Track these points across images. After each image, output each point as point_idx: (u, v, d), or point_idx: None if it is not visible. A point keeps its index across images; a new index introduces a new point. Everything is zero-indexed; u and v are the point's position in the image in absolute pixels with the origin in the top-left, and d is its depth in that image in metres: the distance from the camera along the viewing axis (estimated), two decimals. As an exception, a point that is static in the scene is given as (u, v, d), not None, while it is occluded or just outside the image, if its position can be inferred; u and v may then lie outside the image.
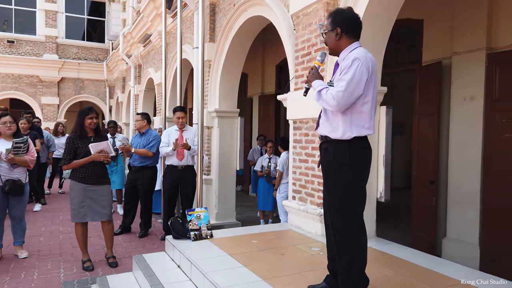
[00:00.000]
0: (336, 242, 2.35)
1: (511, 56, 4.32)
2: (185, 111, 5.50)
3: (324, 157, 2.43)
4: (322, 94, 2.30)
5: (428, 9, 5.29)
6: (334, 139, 2.35)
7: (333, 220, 2.35)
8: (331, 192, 2.38)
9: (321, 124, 2.47)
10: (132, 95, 12.83)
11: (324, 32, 2.50)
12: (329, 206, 2.39)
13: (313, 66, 2.48)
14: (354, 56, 2.27)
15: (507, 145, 4.32)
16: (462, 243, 4.72)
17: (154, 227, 6.15)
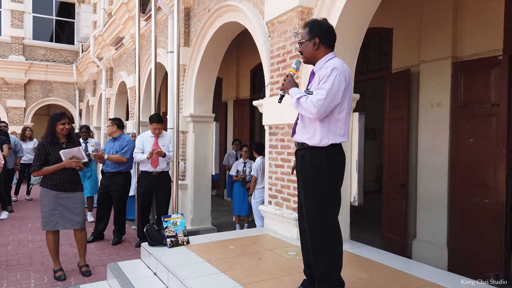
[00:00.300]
0: (313, 248, 2.40)
1: (475, 65, 4.55)
2: (162, 121, 5.38)
3: (301, 164, 2.47)
4: (301, 101, 2.34)
5: (397, 18, 5.49)
6: (311, 146, 2.40)
7: (311, 227, 2.40)
8: (308, 199, 2.42)
9: (297, 131, 2.52)
10: (103, 98, 12.58)
11: (301, 42, 2.55)
12: (307, 214, 2.42)
13: (288, 74, 2.53)
14: (332, 65, 2.35)
15: (471, 150, 4.54)
16: (431, 245, 4.91)
17: (128, 234, 6.05)
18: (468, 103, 4.62)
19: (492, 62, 4.37)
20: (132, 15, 9.51)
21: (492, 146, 4.33)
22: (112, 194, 5.64)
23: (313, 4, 3.91)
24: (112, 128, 5.71)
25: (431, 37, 4.98)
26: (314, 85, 2.42)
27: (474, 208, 4.48)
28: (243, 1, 5.11)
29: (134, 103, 9.52)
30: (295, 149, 2.59)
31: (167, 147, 5.33)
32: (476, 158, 4.48)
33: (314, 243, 2.39)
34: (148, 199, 5.38)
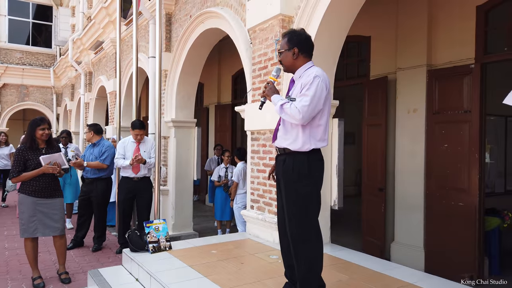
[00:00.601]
0: (295, 251, 2.45)
1: (448, 73, 4.72)
2: (144, 127, 5.37)
3: (283, 169, 2.52)
4: (285, 108, 2.41)
5: (374, 27, 5.65)
6: (293, 151, 2.47)
7: (293, 230, 2.45)
8: (291, 203, 2.47)
9: (279, 137, 2.58)
10: (82, 103, 12.39)
11: (280, 51, 2.62)
12: (289, 218, 2.47)
13: (269, 81, 2.60)
14: (314, 73, 2.44)
15: (446, 155, 4.70)
16: (409, 247, 5.04)
17: (109, 241, 5.98)
18: (442, 110, 4.79)
19: (464, 70, 4.55)
20: (113, 20, 9.44)
21: (466, 151, 4.51)
22: (93, 200, 5.57)
23: (294, 12, 4.01)
24: (89, 134, 5.65)
25: (407, 45, 5.14)
26: (295, 92, 2.49)
27: (449, 211, 4.64)
28: (225, 8, 5.17)
29: (114, 108, 9.43)
30: (276, 155, 2.64)
31: (149, 153, 5.32)
32: (451, 162, 4.65)
33: (296, 245, 2.44)
34: (129, 205, 5.34)
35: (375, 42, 5.68)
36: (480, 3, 4.46)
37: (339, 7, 3.69)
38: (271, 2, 4.06)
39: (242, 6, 4.82)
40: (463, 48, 4.61)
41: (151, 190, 5.41)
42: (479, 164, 4.41)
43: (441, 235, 4.71)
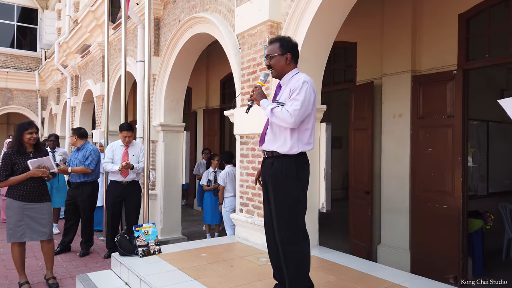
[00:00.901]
0: (284, 253, 2.49)
1: (432, 79, 4.85)
2: (132, 129, 5.39)
3: (271, 172, 2.56)
4: (276, 112, 2.46)
5: (361, 33, 5.77)
6: (282, 154, 2.53)
7: (282, 233, 2.49)
8: (281, 206, 2.51)
9: (267, 141, 2.62)
10: (68, 107, 12.26)
11: (271, 56, 2.66)
12: (278, 220, 2.51)
13: (257, 86, 2.64)
14: (303, 79, 2.52)
15: (430, 158, 4.82)
16: (395, 249, 5.14)
17: (96, 245, 5.93)
18: (426, 114, 4.92)
19: (447, 76, 4.69)
20: (100, 23, 9.42)
21: (449, 155, 4.63)
22: (79, 205, 5.53)
23: (282, 19, 4.08)
24: (73, 138, 5.62)
25: (392, 52, 5.27)
26: (283, 97, 2.55)
27: (433, 213, 4.75)
28: (214, 13, 5.22)
29: (102, 112, 9.37)
30: (263, 158, 2.69)
31: (137, 157, 5.31)
32: (435, 166, 4.76)
33: (284, 247, 2.49)
34: (118, 209, 5.32)
35: (361, 48, 5.80)
36: (462, 12, 4.61)
37: (326, 14, 3.78)
38: (259, 8, 4.12)
39: (231, 12, 4.88)
40: (446, 54, 4.75)
41: (140, 194, 5.40)
42: (462, 168, 4.53)
43: (426, 237, 4.81)
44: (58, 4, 15.19)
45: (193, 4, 5.78)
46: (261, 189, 4.03)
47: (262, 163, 2.69)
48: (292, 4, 3.90)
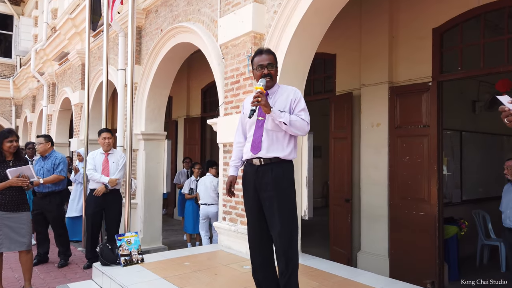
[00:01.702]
0: (287, 257, 2.54)
1: (408, 90, 5.04)
2: (111, 131, 5.39)
3: (273, 177, 2.58)
4: (295, 121, 2.54)
5: (340, 45, 5.93)
6: (281, 160, 2.62)
7: (287, 238, 2.54)
8: (286, 210, 2.56)
9: (265, 148, 2.62)
10: (44, 115, 12.01)
11: (272, 64, 2.70)
12: (284, 225, 2.54)
13: (262, 91, 2.54)
14: (296, 89, 2.70)
15: (407, 167, 4.98)
16: (374, 256, 5.25)
17: (75, 256, 5.80)
18: (403, 124, 5.09)
19: (423, 87, 4.88)
20: (79, 31, 9.32)
21: (425, 163, 4.80)
22: (48, 215, 5.36)
23: (265, 30, 4.18)
24: (46, 145, 5.44)
25: (370, 63, 5.44)
26: (279, 106, 2.63)
27: (411, 220, 4.90)
28: (197, 24, 5.28)
29: (80, 120, 9.23)
30: (257, 165, 2.65)
31: (117, 163, 5.27)
32: (412, 174, 4.92)
33: (287, 250, 2.55)
34: (98, 218, 5.24)
35: (340, 60, 5.96)
36: (436, 26, 4.82)
37: (308, 27, 3.90)
38: (243, 20, 4.21)
39: (214, 22, 4.95)
40: (421, 66, 4.94)
41: (121, 203, 5.34)
42: (437, 176, 4.70)
43: (404, 243, 4.95)
44: (35, 11, 14.93)
45: (175, 14, 5.83)
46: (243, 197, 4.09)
47: (254, 171, 2.65)
48: (275, 17, 4.01)
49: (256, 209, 2.68)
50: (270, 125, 2.63)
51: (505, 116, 1.66)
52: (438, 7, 4.79)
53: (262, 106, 2.51)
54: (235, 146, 2.90)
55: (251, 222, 2.74)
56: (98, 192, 5.02)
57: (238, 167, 2.88)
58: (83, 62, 9.10)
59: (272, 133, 2.63)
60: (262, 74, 2.67)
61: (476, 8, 4.45)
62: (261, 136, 2.65)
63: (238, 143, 2.88)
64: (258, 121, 2.68)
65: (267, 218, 2.63)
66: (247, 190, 2.73)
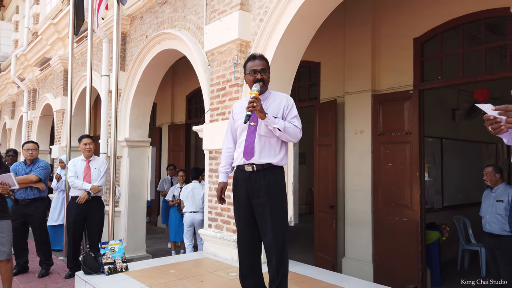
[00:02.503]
0: (279, 263, 2.56)
1: (390, 98, 5.14)
2: (92, 139, 5.32)
3: (266, 183, 2.59)
4: (289, 128, 2.58)
5: (324, 53, 6.02)
6: (274, 166, 2.63)
7: (280, 244, 2.55)
8: (278, 215, 2.57)
9: (258, 153, 2.62)
10: (24, 121, 11.76)
11: (266, 70, 2.74)
12: (276, 230, 2.54)
13: (257, 97, 2.52)
14: (288, 96, 2.72)
15: (390, 173, 5.07)
16: (358, 261, 5.30)
17: (56, 265, 5.67)
18: (386, 131, 5.18)
19: (405, 95, 4.99)
20: (62, 36, 9.21)
21: (407, 170, 4.89)
22: (31, 223, 5.21)
23: (251, 38, 4.22)
24: (38, 152, 5.39)
25: (353, 72, 5.54)
26: (274, 111, 2.65)
27: (394, 226, 4.97)
28: (182, 30, 5.29)
29: (62, 127, 9.08)
30: (249, 172, 2.64)
31: (99, 170, 5.20)
32: (395, 180, 5.01)
33: (280, 256, 2.56)
34: (80, 227, 5.13)
35: (324, 68, 6.04)
36: (417, 36, 4.95)
37: (293, 35, 3.96)
38: (229, 27, 4.24)
39: (200, 29, 4.97)
40: (403, 75, 5.06)
41: (103, 211, 5.26)
42: (419, 182, 4.80)
43: (387, 249, 5.01)
44: (15, 15, 14.69)
45: (161, 21, 5.82)
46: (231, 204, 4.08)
47: (247, 177, 2.64)
48: (261, 24, 4.05)
49: (247, 216, 2.67)
50: (263, 130, 2.63)
51: (490, 124, 1.70)
52: (419, 17, 4.93)
53: (257, 112, 2.49)
54: (225, 151, 2.87)
55: (241, 229, 2.73)
56: (81, 199, 4.93)
57: (228, 173, 2.85)
58: (65, 68, 8.98)
59: (265, 139, 2.64)
60: (255, 79, 2.68)
61: (454, 19, 4.59)
62: (254, 142, 2.64)
63: (228, 148, 2.85)
64: (250, 127, 2.67)
65: (259, 225, 2.63)
66: (238, 197, 2.72)
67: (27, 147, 5.26)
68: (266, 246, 2.61)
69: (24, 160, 5.32)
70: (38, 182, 5.10)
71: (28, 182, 5.01)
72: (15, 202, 5.18)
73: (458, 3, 4.54)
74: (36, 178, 5.06)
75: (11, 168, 5.17)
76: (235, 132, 2.83)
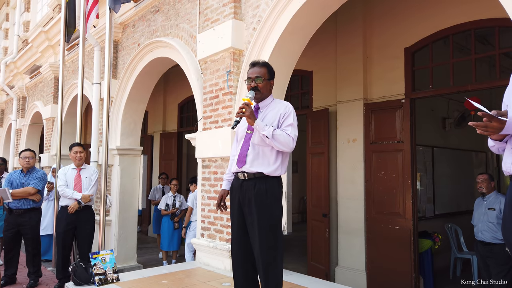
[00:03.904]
0: (267, 275, 2.48)
1: (382, 106, 5.18)
2: (83, 147, 5.25)
3: (255, 193, 2.54)
4: (278, 135, 2.48)
5: (316, 62, 6.06)
6: (266, 175, 2.56)
7: (268, 255, 2.48)
8: (267, 227, 2.50)
9: (250, 162, 2.58)
10: (13, 129, 11.61)
11: (261, 78, 2.67)
12: (264, 242, 2.48)
13: (248, 103, 2.51)
14: (288, 104, 2.67)
15: (383, 182, 5.09)
16: (352, 270, 5.28)
17: (45, 276, 5.54)
18: (378, 139, 5.21)
19: (396, 104, 5.03)
20: (53, 44, 9.15)
21: (400, 178, 4.91)
22: (26, 233, 5.11)
23: (244, 47, 4.23)
24: (35, 160, 5.29)
25: (345, 81, 5.58)
26: (268, 120, 2.62)
27: (387, 234, 4.97)
28: (175, 39, 5.29)
29: (51, 135, 8.97)
30: (241, 180, 2.63)
31: (90, 178, 5.12)
32: (387, 188, 5.03)
33: (268, 268, 2.48)
34: (70, 237, 5.02)
35: (316, 77, 6.08)
36: (408, 45, 5.02)
37: (286, 44, 3.98)
38: (222, 36, 4.25)
39: (193, 38, 4.97)
40: (394, 84, 5.11)
41: (93, 221, 5.17)
42: (411, 190, 4.82)
43: (380, 257, 5.01)
44: (5, 23, 14.57)
45: (153, 29, 5.82)
46: (225, 213, 4.05)
47: (239, 185, 2.62)
48: (254, 33, 4.07)
49: (240, 224, 2.64)
50: (256, 139, 2.59)
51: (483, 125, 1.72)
52: (409, 28, 5.00)
53: (246, 117, 2.48)
54: (231, 159, 2.84)
55: (235, 238, 2.69)
56: (71, 208, 4.84)
57: (231, 181, 2.79)
58: (55, 76, 8.91)
59: (258, 148, 2.60)
60: (250, 87, 2.67)
61: (444, 29, 4.67)
62: (247, 150, 2.61)
63: (233, 155, 2.79)
64: (247, 135, 2.65)
65: (249, 233, 2.59)
66: (232, 204, 2.70)
67: (24, 155, 5.16)
68: (255, 257, 2.56)
69: (21, 169, 5.21)
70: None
71: (26, 195, 4.92)
72: (9, 212, 5.06)
73: (448, 14, 4.61)
74: (34, 191, 4.98)
75: (7, 177, 5.09)
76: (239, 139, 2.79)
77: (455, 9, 4.55)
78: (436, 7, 4.73)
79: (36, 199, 5.03)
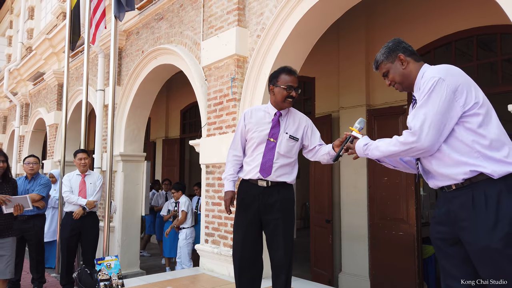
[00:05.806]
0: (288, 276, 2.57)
1: (385, 112, 5.21)
2: (88, 153, 5.28)
3: (282, 198, 2.61)
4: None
5: (318, 69, 6.10)
6: (287, 183, 2.67)
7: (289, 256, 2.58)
8: (290, 230, 2.62)
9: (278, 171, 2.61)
10: (16, 136, 11.66)
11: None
12: (287, 242, 2.57)
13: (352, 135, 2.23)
14: (305, 117, 2.85)
15: (386, 187, 5.09)
16: (355, 276, 5.27)
17: (48, 283, 5.54)
18: (381, 146, 5.21)
19: (399, 110, 5.05)
20: (56, 51, 9.22)
21: (403, 184, 4.92)
22: (31, 239, 5.13)
23: (248, 54, 4.27)
24: (39, 165, 5.31)
25: (348, 87, 5.61)
26: (291, 129, 2.74)
27: (390, 240, 4.97)
28: (179, 46, 5.34)
29: (55, 142, 9.01)
30: (263, 187, 2.61)
31: (94, 184, 5.14)
32: (391, 194, 5.03)
33: (289, 269, 2.58)
34: (74, 243, 5.02)
35: (319, 83, 6.11)
36: (410, 52, 5.04)
37: (290, 51, 4.02)
38: (226, 43, 4.29)
39: (197, 45, 5.02)
40: (397, 91, 5.10)
41: (98, 226, 5.18)
42: (415, 196, 4.82)
43: (384, 264, 4.99)
44: (9, 30, 14.70)
45: (157, 36, 5.87)
46: (228, 219, 4.06)
47: (260, 193, 2.60)
48: (258, 40, 4.11)
49: (254, 231, 2.65)
50: (283, 149, 2.62)
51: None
52: (411, 34, 5.02)
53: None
54: (232, 159, 2.76)
55: (242, 244, 2.65)
56: (76, 214, 4.85)
57: (235, 182, 2.77)
58: (59, 83, 8.97)
59: (283, 158, 2.63)
60: (288, 95, 2.61)
61: (446, 36, 4.70)
62: (272, 159, 2.60)
63: (235, 156, 2.75)
64: (269, 142, 2.61)
65: (268, 239, 2.62)
66: (246, 211, 2.65)
67: (28, 161, 5.18)
68: (275, 262, 2.58)
69: (25, 176, 5.23)
70: None
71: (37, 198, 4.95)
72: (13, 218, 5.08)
73: (450, 20, 4.65)
74: (38, 197, 4.98)
75: None
76: (244, 140, 2.74)
77: (457, 16, 4.59)
78: (438, 14, 4.77)
79: (40, 206, 5.04)
